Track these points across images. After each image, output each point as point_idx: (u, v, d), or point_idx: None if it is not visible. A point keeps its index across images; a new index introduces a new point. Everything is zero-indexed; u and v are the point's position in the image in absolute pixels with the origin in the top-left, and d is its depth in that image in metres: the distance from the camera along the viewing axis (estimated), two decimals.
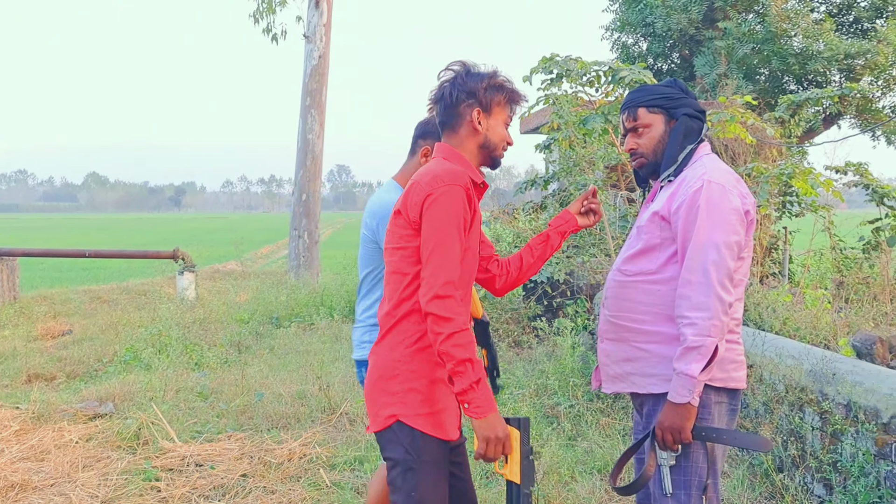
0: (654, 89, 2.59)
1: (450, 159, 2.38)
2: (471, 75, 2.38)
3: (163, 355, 7.51)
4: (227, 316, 10.01)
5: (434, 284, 2.17)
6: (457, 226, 2.22)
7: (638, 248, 2.52)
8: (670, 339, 2.41)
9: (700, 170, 2.43)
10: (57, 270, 21.65)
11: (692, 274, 2.31)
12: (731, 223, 2.34)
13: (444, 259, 2.19)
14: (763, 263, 8.47)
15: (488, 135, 2.40)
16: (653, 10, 11.43)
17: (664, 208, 2.45)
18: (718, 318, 2.27)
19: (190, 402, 6.00)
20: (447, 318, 2.15)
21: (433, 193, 2.23)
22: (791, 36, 10.85)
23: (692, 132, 2.53)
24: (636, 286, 2.50)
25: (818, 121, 11.04)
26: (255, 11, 13.60)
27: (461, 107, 2.36)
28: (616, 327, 2.56)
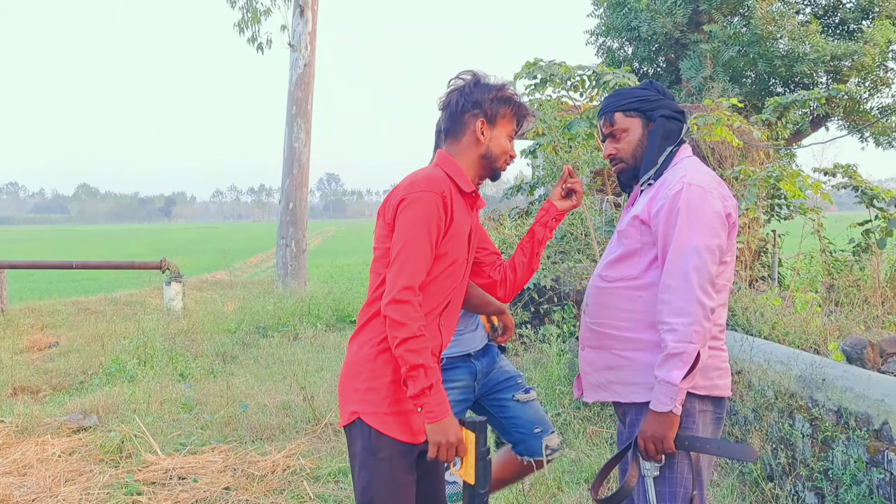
0: (630, 93, 2.55)
1: (441, 165, 2.41)
2: (479, 86, 2.41)
3: (147, 367, 7.43)
4: (213, 326, 9.93)
5: (393, 288, 2.19)
6: (426, 231, 2.23)
7: (618, 254, 2.48)
8: (652, 347, 2.36)
9: (680, 172, 2.39)
10: (46, 282, 21.51)
11: (672, 279, 2.26)
12: (713, 226, 2.29)
13: (407, 263, 2.21)
14: (752, 267, 8.44)
15: (490, 146, 2.43)
16: (637, 14, 11.42)
17: (644, 212, 2.41)
18: (700, 324, 2.22)
19: (174, 414, 5.93)
20: (401, 322, 2.16)
21: (407, 198, 2.26)
22: (777, 38, 10.85)
23: (671, 134, 2.50)
24: (617, 292, 2.45)
25: (806, 123, 11.04)
26: (240, 21, 13.54)
27: (466, 116, 2.39)
28: (597, 335, 2.51)
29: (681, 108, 2.56)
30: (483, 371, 3.09)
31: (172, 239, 61.41)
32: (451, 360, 3.00)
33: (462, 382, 3.04)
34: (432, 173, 2.33)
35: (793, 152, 10.50)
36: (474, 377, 3.06)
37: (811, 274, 9.73)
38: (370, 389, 2.28)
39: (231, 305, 12.14)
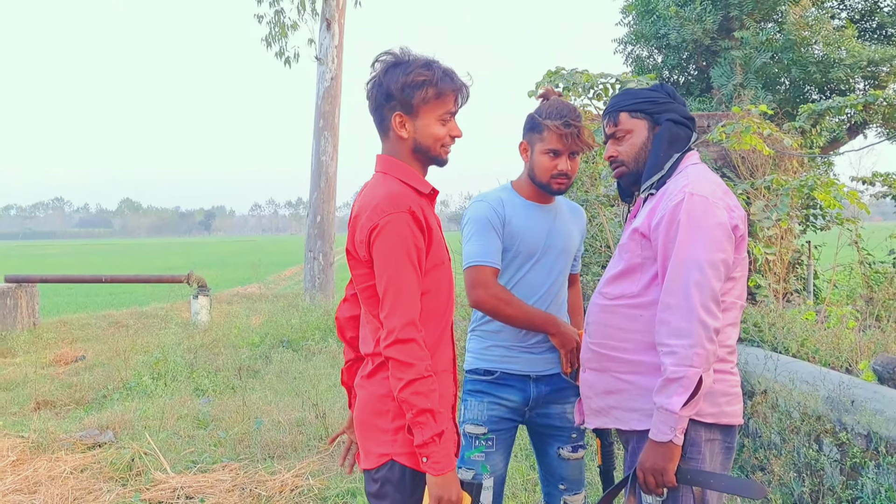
0: (638, 93, 2.40)
1: (390, 173, 2.17)
2: (389, 73, 2.11)
3: (164, 382, 7.40)
4: (237, 339, 9.91)
5: (393, 327, 2.00)
6: (408, 258, 2.04)
7: (619, 270, 2.32)
8: (654, 370, 2.19)
9: (682, 181, 2.22)
10: (85, 296, 21.84)
11: (672, 296, 2.10)
12: (717, 239, 2.12)
13: (399, 298, 2.02)
14: (786, 280, 8.17)
15: (417, 138, 2.15)
16: (666, 21, 11.19)
17: (644, 224, 2.25)
18: (702, 346, 2.05)
19: (189, 430, 5.87)
20: (407, 363, 1.97)
21: (376, 227, 2.03)
22: (811, 44, 10.55)
23: (678, 140, 2.33)
24: (617, 311, 2.30)
25: (842, 131, 10.71)
26: (267, 35, 13.59)
27: (384, 110, 2.14)
28: (598, 356, 2.35)
29: (691, 115, 2.40)
30: (538, 400, 2.79)
31: (210, 252, 62.15)
32: (505, 377, 2.77)
33: (511, 403, 2.79)
34: (390, 189, 2.09)
35: (830, 161, 10.19)
36: (526, 402, 2.78)
37: (849, 286, 9.41)
38: (402, 428, 2.08)
39: (257, 319, 12.13)
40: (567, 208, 2.90)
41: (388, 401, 2.10)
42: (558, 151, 2.66)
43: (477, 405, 2.76)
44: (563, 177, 2.69)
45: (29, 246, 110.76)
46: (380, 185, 2.13)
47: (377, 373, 2.15)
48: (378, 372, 2.15)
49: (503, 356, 2.77)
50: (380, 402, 2.13)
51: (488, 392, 2.76)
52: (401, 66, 2.11)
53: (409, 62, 2.12)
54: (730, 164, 7.95)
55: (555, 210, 2.81)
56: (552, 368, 2.80)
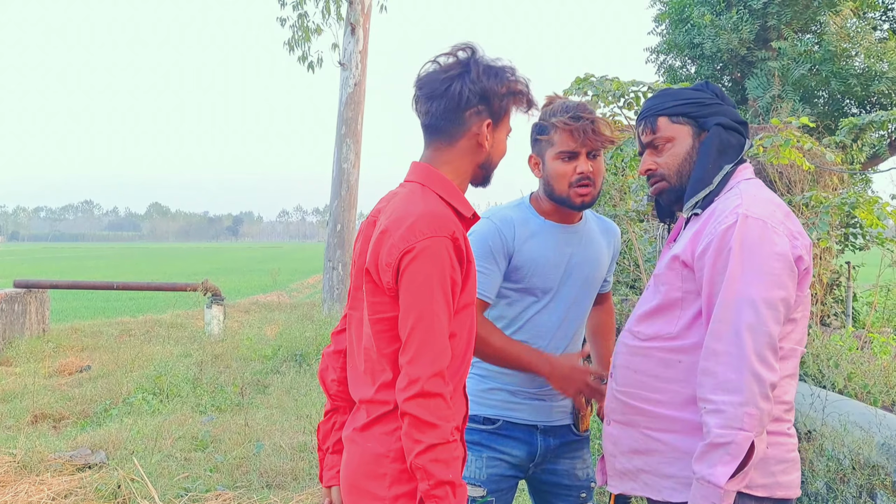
0: (679, 93, 2.00)
1: (432, 187, 1.81)
2: (488, 72, 1.82)
3: (164, 398, 7.09)
4: (249, 352, 9.60)
5: (416, 378, 1.64)
6: (443, 293, 1.68)
7: (654, 304, 1.92)
8: (694, 429, 1.80)
9: (734, 200, 1.83)
10: (103, 300, 21.77)
11: (719, 342, 1.71)
12: (775, 273, 1.73)
13: (428, 341, 1.66)
14: (824, 302, 7.72)
15: (492, 153, 1.87)
16: (701, 30, 10.78)
17: (686, 251, 1.85)
18: (754, 404, 1.66)
19: (186, 452, 5.54)
20: (430, 423, 1.62)
21: (412, 250, 1.68)
22: (852, 56, 10.09)
23: (729, 148, 1.94)
24: (651, 354, 1.90)
25: (883, 146, 10.23)
26: (289, 39, 13.35)
27: (468, 112, 1.81)
28: (625, 407, 1.95)
29: (743, 119, 2.00)
30: (545, 454, 2.38)
31: (236, 258, 62.33)
32: (509, 427, 2.34)
33: (514, 459, 2.35)
34: (430, 206, 1.74)
35: (868, 177, 9.71)
36: (532, 457, 2.37)
37: (888, 308, 8.95)
38: (401, 497, 1.73)
39: (272, 329, 11.83)
40: (598, 227, 2.45)
41: (387, 462, 1.74)
42: (574, 153, 2.22)
43: (475, 461, 2.32)
44: (586, 182, 2.23)
45: (57, 248, 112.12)
46: (417, 199, 1.77)
47: (375, 425, 1.77)
48: (376, 424, 1.77)
49: (506, 402, 2.34)
50: (376, 463, 1.75)
51: (488, 445, 2.33)
52: (499, 69, 1.84)
53: (506, 67, 1.86)
54: (766, 180, 7.53)
55: (582, 231, 2.37)
56: (563, 419, 2.38)
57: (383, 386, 1.74)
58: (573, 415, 2.37)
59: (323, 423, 2.03)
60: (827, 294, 8.05)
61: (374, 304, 1.77)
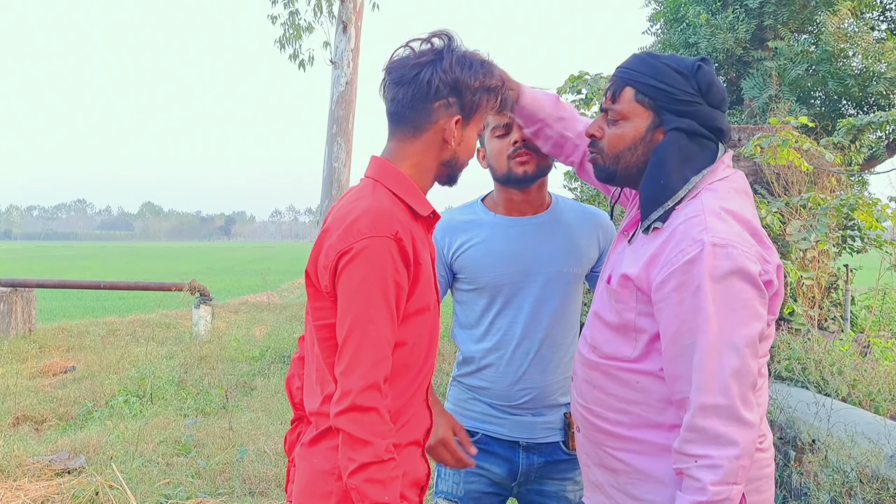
0: (660, 70, 1.71)
1: (385, 183, 1.66)
2: (462, 63, 1.67)
3: (147, 400, 6.92)
4: (237, 353, 9.43)
5: (348, 389, 1.49)
6: (383, 297, 1.53)
7: (612, 321, 1.73)
8: (655, 450, 1.66)
9: (695, 220, 1.59)
10: (93, 299, 21.58)
11: (706, 394, 1.52)
12: (749, 305, 1.54)
13: (361, 350, 1.51)
14: (821, 306, 7.60)
15: (458, 151, 1.71)
16: (696, 29, 10.64)
17: (641, 276, 1.65)
18: (749, 456, 1.51)
19: (168, 457, 5.38)
20: (362, 440, 1.47)
21: (349, 251, 1.54)
22: (849, 56, 9.97)
23: (695, 157, 1.68)
24: (609, 372, 1.74)
25: (881, 147, 10.12)
26: (280, 37, 13.14)
27: (436, 104, 1.66)
28: (587, 423, 1.80)
29: (722, 125, 1.72)
30: (529, 474, 2.19)
31: (228, 257, 62.05)
32: (488, 441, 2.17)
33: (493, 475, 2.17)
34: (376, 203, 1.60)
35: (865, 179, 9.61)
36: (514, 476, 2.18)
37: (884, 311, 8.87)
38: None
39: (261, 330, 11.66)
40: (575, 216, 2.21)
41: (332, 480, 1.60)
42: (507, 125, 2.07)
43: (452, 475, 2.17)
44: (524, 152, 2.05)
45: (49, 247, 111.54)
46: (366, 195, 1.63)
47: (322, 440, 1.64)
48: (323, 439, 1.63)
49: (486, 415, 2.17)
50: (322, 481, 1.62)
51: None
52: (474, 61, 1.69)
53: (483, 60, 1.71)
54: (762, 181, 7.40)
55: (545, 222, 2.16)
56: (549, 436, 2.18)
57: (328, 398, 1.60)
58: (563, 431, 2.19)
59: (289, 433, 1.89)
60: (825, 298, 7.93)
61: (316, 310, 1.64)
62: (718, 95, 1.72)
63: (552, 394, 2.17)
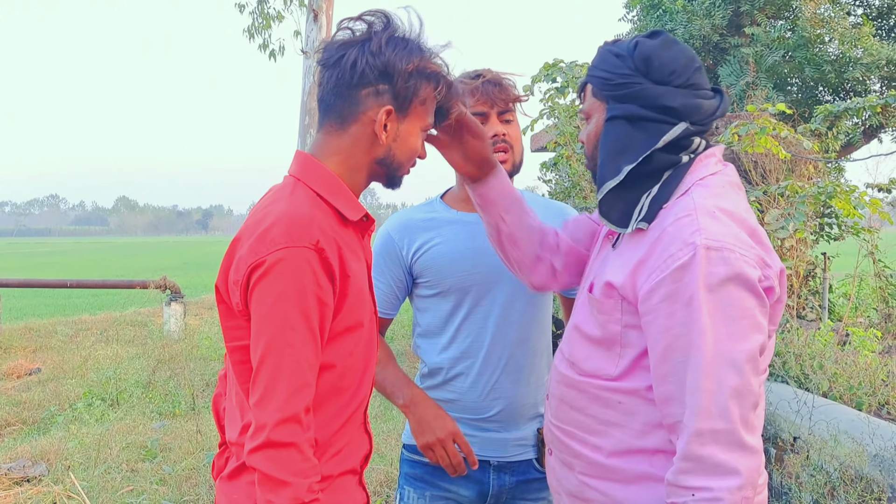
0: (603, 59, 1.58)
1: (308, 182, 1.46)
2: (394, 44, 1.46)
3: (118, 402, 6.72)
4: (209, 351, 9.22)
5: (262, 423, 1.31)
6: (302, 316, 1.34)
7: (592, 335, 1.56)
8: (636, 479, 1.50)
9: (687, 221, 1.43)
10: (64, 297, 21.21)
11: (703, 419, 1.36)
12: (749, 315, 1.38)
13: (277, 378, 1.33)
14: (799, 295, 7.53)
15: (393, 148, 1.50)
16: (673, 16, 10.53)
17: (626, 282, 1.49)
18: (752, 485, 1.35)
19: (132, 463, 5.19)
20: (280, 480, 1.30)
21: (261, 265, 1.35)
22: (826, 42, 9.89)
23: (632, 146, 1.51)
24: (587, 391, 1.57)
25: (857, 134, 10.08)
26: (249, 27, 12.85)
27: (363, 91, 1.46)
28: (561, 444, 1.64)
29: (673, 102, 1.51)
30: (499, 495, 2.03)
31: (205, 252, 61.43)
32: None
33: (461, 498, 2.01)
34: (292, 209, 1.39)
35: (841, 166, 9.56)
36: (483, 498, 2.02)
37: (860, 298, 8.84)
38: None
39: None
40: (541, 211, 2.01)
41: None
42: (483, 113, 1.91)
43: (417, 499, 2.01)
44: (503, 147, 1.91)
45: (22, 243, 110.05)
46: (284, 197, 1.44)
47: (242, 474, 1.46)
48: (243, 473, 1.46)
49: None
50: None
51: (431, 482, 2.01)
52: (409, 42, 1.48)
53: (420, 42, 1.49)
54: (740, 170, 7.31)
55: None
56: (521, 453, 2.03)
57: (247, 427, 1.41)
58: (537, 448, 2.04)
59: (217, 458, 1.69)
60: (802, 286, 7.87)
61: (228, 330, 1.46)
62: (664, 69, 1.51)
63: (525, 405, 2.02)
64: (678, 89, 1.51)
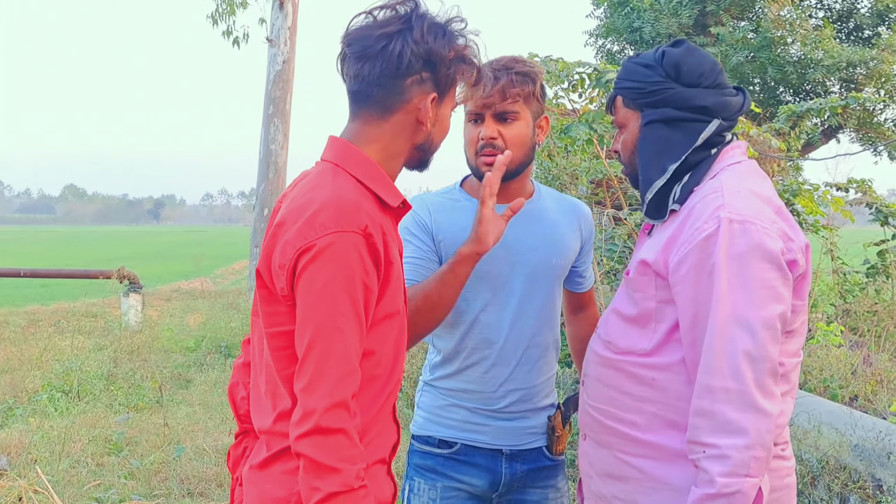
0: (632, 71, 1.71)
1: (349, 169, 1.45)
2: (434, 31, 1.46)
3: (80, 395, 6.55)
4: (171, 343, 9.05)
5: (311, 409, 1.30)
6: (351, 302, 1.34)
7: (628, 314, 1.65)
8: (672, 456, 1.55)
9: (715, 199, 1.53)
10: (12, 287, 20.58)
11: (715, 377, 1.43)
12: (770, 285, 1.45)
13: (326, 363, 1.31)
14: None
15: (434, 132, 1.53)
16: (640, 14, 10.66)
17: (658, 258, 1.57)
18: (762, 446, 1.40)
19: (98, 457, 5.07)
20: (330, 467, 1.28)
21: (310, 249, 1.34)
22: (788, 43, 10.11)
23: (673, 146, 1.62)
24: (623, 368, 1.64)
25: (817, 134, 10.32)
26: (213, 12, 12.65)
27: (408, 80, 1.46)
28: (598, 425, 1.69)
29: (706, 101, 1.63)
30: (511, 483, 2.02)
31: (158, 242, 60.42)
32: (468, 451, 1.99)
33: (475, 489, 1.99)
34: (341, 192, 1.39)
35: (799, 165, 9.77)
36: (495, 487, 2.01)
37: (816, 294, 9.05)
38: None
39: (195, 319, 11.27)
40: (557, 206, 2.04)
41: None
42: (478, 113, 1.88)
43: (428, 490, 1.98)
44: (490, 152, 1.86)
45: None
46: (325, 183, 1.42)
47: (275, 462, 1.43)
48: (276, 462, 1.43)
49: (466, 423, 1.99)
50: None
51: (443, 472, 1.99)
52: (447, 29, 1.48)
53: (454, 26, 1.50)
54: None
55: (530, 211, 1.96)
56: (532, 441, 2.03)
57: (283, 415, 1.41)
58: (547, 436, 2.04)
59: (233, 449, 1.67)
60: None
61: (269, 315, 1.44)
62: (693, 73, 1.66)
63: (537, 395, 2.03)
64: (708, 90, 1.64)
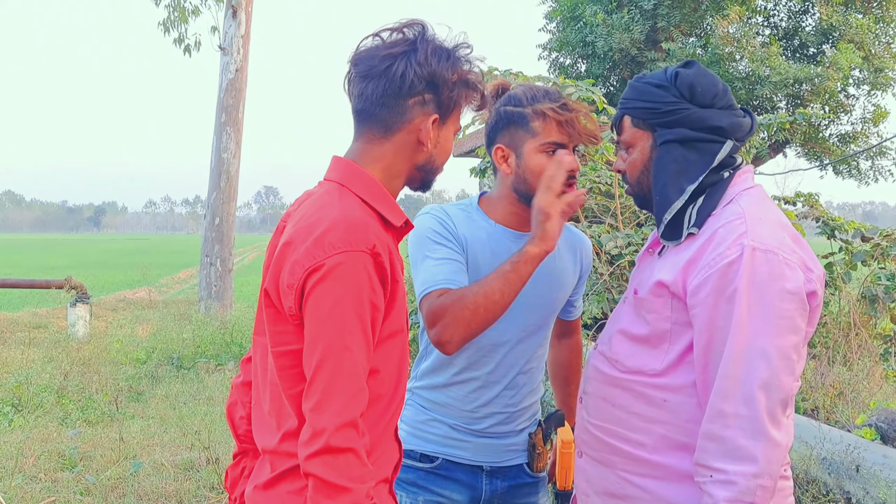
0: (643, 91, 1.71)
1: (354, 189, 1.47)
2: (438, 54, 1.49)
3: (30, 409, 6.34)
4: (121, 355, 8.83)
5: (321, 429, 1.30)
6: (359, 321, 1.35)
7: (640, 333, 1.65)
8: (682, 477, 1.56)
9: (737, 224, 1.54)
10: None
11: (728, 402, 1.45)
12: (788, 316, 1.47)
13: (336, 383, 1.32)
14: None
15: (435, 154, 1.55)
16: (593, 28, 10.82)
17: (677, 280, 1.57)
18: (769, 475, 1.42)
19: (52, 473, 4.91)
20: (339, 486, 1.28)
21: (319, 268, 1.35)
22: (736, 60, 10.38)
23: (690, 166, 1.63)
24: (631, 388, 1.64)
25: (765, 148, 10.60)
26: (165, 20, 12.45)
27: (411, 101, 1.49)
28: (599, 443, 1.69)
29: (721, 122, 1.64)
30: (491, 500, 2.02)
31: (99, 250, 58.96)
32: (449, 467, 2.00)
33: (452, 502, 2.01)
34: (347, 213, 1.40)
35: None
36: (476, 503, 2.02)
37: None
38: None
39: (145, 330, 11.01)
40: (564, 241, 2.02)
41: None
42: (562, 145, 1.88)
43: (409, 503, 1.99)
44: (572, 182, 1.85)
45: None
46: (332, 203, 1.43)
47: (280, 482, 1.42)
48: (282, 482, 1.42)
49: (447, 438, 2.00)
50: None
51: (424, 486, 1.99)
52: (451, 52, 1.52)
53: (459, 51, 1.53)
54: None
55: None
56: (513, 458, 2.04)
57: (289, 434, 1.41)
58: (528, 452, 2.05)
59: (231, 469, 1.67)
60: None
61: (276, 335, 1.43)
62: (707, 94, 1.67)
63: (520, 418, 2.04)
64: (721, 110, 1.65)
